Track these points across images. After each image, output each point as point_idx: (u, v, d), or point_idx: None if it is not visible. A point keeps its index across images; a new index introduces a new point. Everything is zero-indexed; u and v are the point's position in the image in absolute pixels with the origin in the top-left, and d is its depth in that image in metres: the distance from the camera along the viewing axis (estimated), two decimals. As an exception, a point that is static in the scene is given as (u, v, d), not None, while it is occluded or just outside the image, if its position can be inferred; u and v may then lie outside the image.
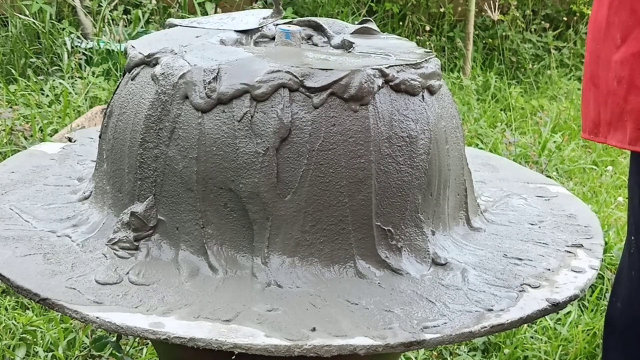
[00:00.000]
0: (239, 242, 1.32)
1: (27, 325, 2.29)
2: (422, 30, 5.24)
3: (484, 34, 5.35)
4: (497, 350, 2.42)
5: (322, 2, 4.96)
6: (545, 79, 5.07)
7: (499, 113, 4.45)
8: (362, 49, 1.51)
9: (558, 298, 1.30)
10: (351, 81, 1.33)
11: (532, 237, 1.52)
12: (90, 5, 4.63)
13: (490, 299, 1.28)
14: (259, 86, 1.31)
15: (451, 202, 1.48)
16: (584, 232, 1.55)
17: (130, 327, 1.15)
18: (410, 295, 1.28)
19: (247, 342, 1.13)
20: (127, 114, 1.41)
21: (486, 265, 1.39)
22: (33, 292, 1.22)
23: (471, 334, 1.20)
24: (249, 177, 1.30)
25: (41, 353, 2.21)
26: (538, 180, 1.83)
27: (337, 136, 1.32)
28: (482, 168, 1.84)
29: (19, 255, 1.32)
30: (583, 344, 2.38)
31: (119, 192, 1.41)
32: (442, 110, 1.46)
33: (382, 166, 1.34)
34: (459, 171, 1.50)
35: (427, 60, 1.45)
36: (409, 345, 1.16)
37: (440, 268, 1.36)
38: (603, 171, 3.79)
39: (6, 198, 1.52)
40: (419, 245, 1.37)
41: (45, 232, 1.40)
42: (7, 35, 4.46)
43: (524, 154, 3.79)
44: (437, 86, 1.45)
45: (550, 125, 4.21)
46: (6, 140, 3.29)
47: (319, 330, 1.17)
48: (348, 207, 1.32)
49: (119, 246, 1.34)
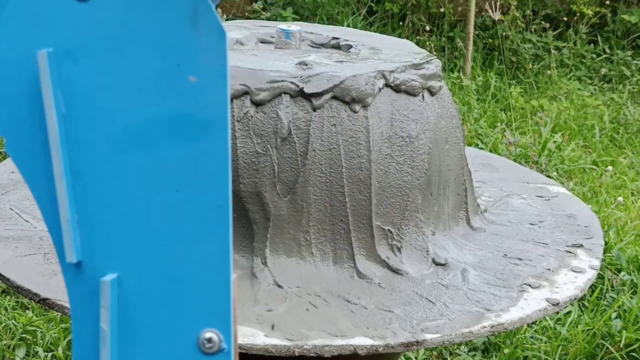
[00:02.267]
0: (239, 242, 1.32)
1: (27, 325, 2.29)
2: (422, 30, 5.24)
3: (484, 34, 5.35)
4: (497, 350, 2.42)
5: (322, 2, 4.96)
6: (545, 79, 5.07)
7: (499, 113, 4.45)
8: (362, 50, 1.51)
9: (558, 298, 1.30)
10: (352, 84, 1.33)
11: (532, 237, 1.51)
12: (90, 5, 4.64)
13: (490, 299, 1.28)
14: (259, 93, 1.31)
15: (451, 202, 1.48)
16: (584, 232, 1.55)
17: (130, 327, 1.15)
18: (410, 295, 1.28)
19: (247, 342, 1.13)
20: (127, 114, 1.41)
21: (486, 265, 1.39)
22: (33, 292, 1.22)
23: (471, 334, 1.20)
24: (249, 177, 1.30)
25: (41, 353, 2.21)
26: (538, 180, 1.83)
27: (337, 136, 1.32)
28: (482, 168, 1.84)
29: (19, 255, 1.32)
30: (583, 344, 2.38)
31: (119, 192, 1.42)
32: (442, 110, 1.46)
33: (382, 166, 1.34)
34: (459, 171, 1.50)
35: (428, 61, 1.45)
36: (409, 345, 1.16)
37: (440, 268, 1.36)
38: (603, 171, 3.79)
39: (6, 198, 1.52)
40: (419, 245, 1.37)
41: (45, 232, 1.40)
42: (7, 35, 4.46)
43: (524, 154, 3.80)
44: (438, 87, 1.45)
45: (550, 125, 4.21)
46: (6, 140, 3.29)
47: (319, 330, 1.17)
48: (348, 207, 1.32)
49: (119, 246, 1.34)
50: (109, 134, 0.58)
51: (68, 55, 0.57)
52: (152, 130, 0.57)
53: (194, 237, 0.58)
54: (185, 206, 0.58)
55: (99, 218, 0.59)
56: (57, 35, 0.57)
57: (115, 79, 0.57)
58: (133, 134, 0.58)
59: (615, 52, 5.46)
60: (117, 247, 0.59)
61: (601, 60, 5.42)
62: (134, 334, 0.59)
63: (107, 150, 0.58)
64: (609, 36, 5.65)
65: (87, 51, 0.57)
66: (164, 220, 0.59)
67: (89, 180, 0.58)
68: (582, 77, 5.26)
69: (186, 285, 0.59)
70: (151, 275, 0.59)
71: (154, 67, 0.57)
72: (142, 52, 0.56)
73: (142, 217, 0.59)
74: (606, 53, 5.48)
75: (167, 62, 0.57)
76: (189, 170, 0.58)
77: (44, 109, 0.57)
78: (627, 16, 5.61)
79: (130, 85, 0.57)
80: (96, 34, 0.57)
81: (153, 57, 0.57)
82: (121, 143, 0.58)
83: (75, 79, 0.57)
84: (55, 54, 0.57)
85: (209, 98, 0.57)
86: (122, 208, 0.59)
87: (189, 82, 0.56)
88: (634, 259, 2.86)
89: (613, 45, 5.57)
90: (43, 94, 0.56)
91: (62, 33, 0.57)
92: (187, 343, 0.60)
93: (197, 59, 0.56)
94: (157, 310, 0.60)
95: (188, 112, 0.57)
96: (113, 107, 0.58)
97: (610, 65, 5.41)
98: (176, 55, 0.56)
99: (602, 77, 5.29)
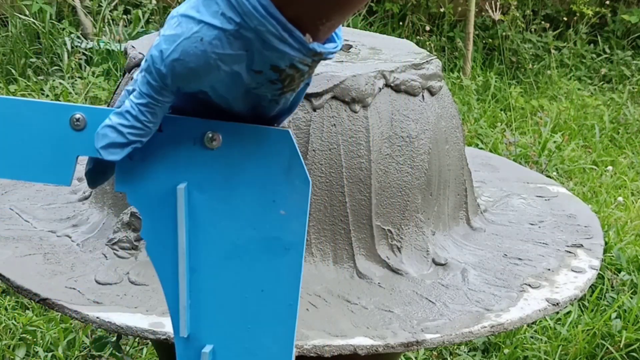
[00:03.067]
0: (239, 242, 1.32)
1: (27, 325, 2.30)
2: (422, 30, 5.24)
3: (484, 34, 5.35)
4: (497, 350, 2.42)
5: (322, 2, 4.95)
6: (545, 79, 5.07)
7: (499, 113, 4.45)
8: (362, 50, 1.51)
9: (558, 298, 1.30)
10: (352, 84, 1.33)
11: (532, 237, 1.52)
12: (90, 5, 4.63)
13: (490, 299, 1.28)
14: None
15: (451, 202, 1.48)
16: (584, 232, 1.55)
17: (130, 327, 1.15)
18: (410, 295, 1.28)
19: (247, 342, 1.13)
20: (127, 114, 1.41)
21: (486, 265, 1.39)
22: (33, 292, 1.22)
23: (471, 334, 1.20)
24: (249, 177, 1.30)
25: (41, 353, 2.21)
26: (538, 180, 1.84)
27: (337, 136, 1.32)
28: (482, 168, 1.84)
29: (19, 255, 1.32)
30: (583, 344, 2.39)
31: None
32: (442, 110, 1.46)
33: (382, 166, 1.34)
34: (459, 171, 1.50)
35: (428, 61, 1.45)
36: (409, 345, 1.16)
37: (440, 268, 1.36)
38: (603, 171, 3.79)
39: (6, 198, 1.52)
40: (419, 245, 1.37)
41: (45, 232, 1.40)
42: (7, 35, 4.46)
43: (524, 154, 3.80)
44: (438, 87, 1.45)
45: (550, 125, 4.21)
46: (6, 140, 3.28)
47: (319, 330, 1.17)
48: (348, 207, 1.32)
49: (119, 246, 1.34)
50: (219, 245, 0.80)
51: (197, 188, 0.79)
52: (250, 246, 0.79)
53: (270, 324, 0.80)
54: (267, 302, 0.80)
55: (205, 305, 0.81)
56: (190, 173, 0.79)
57: (227, 207, 0.79)
58: (236, 247, 0.80)
59: (615, 52, 5.47)
60: (215, 327, 0.81)
61: (601, 60, 5.43)
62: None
63: (216, 257, 0.80)
64: (609, 36, 5.65)
65: (210, 185, 0.79)
66: (250, 310, 0.80)
67: (201, 277, 0.80)
68: (582, 77, 5.26)
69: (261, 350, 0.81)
70: (236, 349, 0.81)
71: (256, 201, 0.79)
72: (249, 189, 0.79)
73: (234, 306, 0.81)
74: (606, 53, 5.48)
75: (266, 199, 0.79)
76: (272, 277, 0.80)
77: (177, 225, 0.79)
78: (627, 16, 5.61)
79: (238, 213, 0.79)
80: (218, 173, 0.79)
81: (256, 194, 0.79)
82: (227, 253, 0.80)
83: (199, 204, 0.79)
84: (188, 186, 0.79)
85: (292, 226, 0.79)
86: (222, 299, 0.80)
87: (280, 214, 0.79)
88: (634, 259, 2.86)
89: (613, 45, 5.57)
90: (177, 214, 0.78)
91: (194, 171, 0.79)
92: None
93: (287, 198, 0.78)
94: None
95: (277, 235, 0.79)
96: (224, 227, 0.80)
97: (610, 65, 5.41)
98: (273, 194, 0.78)
99: (602, 77, 5.30)
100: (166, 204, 0.79)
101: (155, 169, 0.79)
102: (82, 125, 0.78)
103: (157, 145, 0.78)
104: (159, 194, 0.79)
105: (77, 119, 0.78)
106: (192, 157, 0.78)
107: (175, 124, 0.77)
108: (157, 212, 0.80)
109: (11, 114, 0.79)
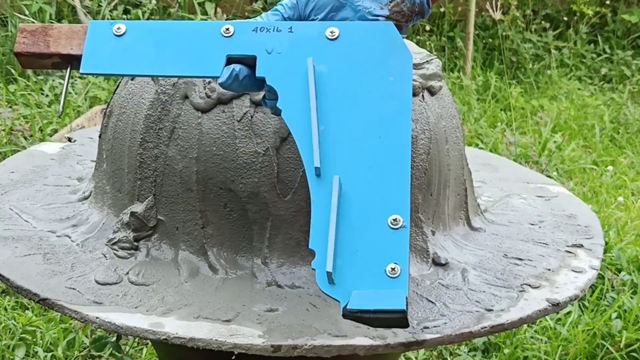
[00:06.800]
0: (238, 242, 1.32)
1: (27, 325, 2.29)
2: (422, 30, 5.24)
3: (484, 34, 5.35)
4: (497, 350, 2.42)
5: (322, 2, 4.95)
6: (545, 79, 5.07)
7: (499, 113, 4.45)
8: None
9: (558, 298, 1.30)
10: (351, 81, 1.33)
11: (532, 237, 1.51)
12: (90, 5, 4.63)
13: (490, 299, 1.28)
14: (259, 93, 1.30)
15: (451, 202, 1.48)
16: (584, 232, 1.55)
17: (130, 327, 1.15)
18: (410, 295, 1.28)
19: (247, 342, 1.13)
20: (127, 114, 1.41)
21: (486, 265, 1.39)
22: (33, 292, 1.22)
23: (471, 334, 1.20)
24: (249, 177, 1.30)
25: (41, 353, 2.21)
26: (538, 180, 1.83)
27: (337, 136, 1.32)
28: (482, 168, 1.84)
29: (18, 255, 1.32)
30: (583, 344, 2.38)
31: (118, 192, 1.41)
32: (442, 110, 1.46)
33: (382, 166, 1.34)
34: (459, 171, 1.50)
35: (428, 61, 1.45)
36: (409, 345, 1.16)
37: (440, 268, 1.36)
38: (603, 171, 3.79)
39: (6, 198, 1.52)
40: (419, 245, 1.37)
41: (45, 232, 1.40)
42: (7, 35, 4.46)
43: (524, 154, 3.80)
44: (438, 87, 1.45)
45: (551, 125, 4.21)
46: (6, 140, 3.29)
47: (319, 330, 1.17)
48: (348, 207, 1.32)
49: (118, 246, 1.34)
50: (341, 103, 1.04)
51: (321, 63, 1.06)
52: (367, 103, 1.04)
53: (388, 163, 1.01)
54: (383, 144, 1.03)
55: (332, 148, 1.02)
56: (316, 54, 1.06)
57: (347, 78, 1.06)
58: (355, 104, 1.04)
59: (616, 52, 5.47)
60: (341, 165, 1.01)
61: (601, 60, 5.43)
62: (347, 213, 0.99)
63: (339, 112, 1.04)
64: (609, 36, 5.65)
65: (331, 62, 1.06)
66: (371, 153, 1.02)
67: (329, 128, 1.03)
68: (582, 77, 5.26)
69: (381, 184, 1.00)
70: (359, 177, 1.00)
71: (370, 71, 1.06)
72: (364, 65, 1.06)
73: (356, 144, 1.02)
74: (606, 53, 5.48)
75: (378, 69, 1.06)
76: (387, 124, 1.03)
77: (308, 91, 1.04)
78: (627, 16, 5.61)
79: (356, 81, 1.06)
80: (337, 53, 1.07)
81: (371, 67, 1.06)
82: (348, 107, 1.04)
83: (323, 74, 1.05)
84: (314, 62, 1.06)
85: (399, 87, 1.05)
86: (345, 142, 1.02)
87: (390, 80, 1.05)
88: (634, 259, 2.86)
89: (613, 45, 5.57)
90: (308, 77, 1.04)
91: (318, 54, 1.06)
92: (380, 222, 0.98)
93: (394, 68, 1.06)
94: (361, 200, 0.99)
95: (388, 94, 1.05)
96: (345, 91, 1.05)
97: (611, 65, 5.41)
98: (384, 66, 1.06)
99: (602, 77, 5.30)
100: (299, 79, 1.05)
101: (289, 57, 1.06)
102: (231, 32, 1.08)
103: (290, 41, 1.07)
104: (293, 74, 1.05)
105: (227, 29, 1.08)
106: (317, 45, 1.06)
107: (303, 25, 1.09)
108: (292, 86, 1.05)
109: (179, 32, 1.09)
